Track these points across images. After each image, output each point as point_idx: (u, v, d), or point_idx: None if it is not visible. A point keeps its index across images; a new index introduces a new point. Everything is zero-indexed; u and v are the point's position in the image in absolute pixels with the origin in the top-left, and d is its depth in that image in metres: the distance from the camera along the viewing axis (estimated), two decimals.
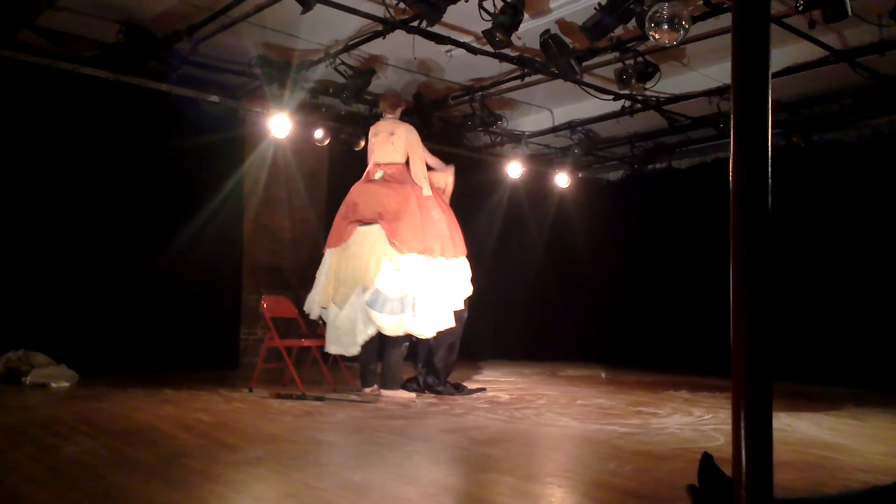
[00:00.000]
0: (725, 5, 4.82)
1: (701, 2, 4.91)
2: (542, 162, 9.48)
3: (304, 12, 4.84)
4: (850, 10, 4.41)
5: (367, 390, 5.66)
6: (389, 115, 5.97)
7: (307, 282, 8.04)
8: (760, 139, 1.63)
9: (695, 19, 4.86)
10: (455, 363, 6.12)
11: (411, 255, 5.47)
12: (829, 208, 7.40)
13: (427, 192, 5.77)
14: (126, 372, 6.29)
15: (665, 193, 9.07)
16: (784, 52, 5.91)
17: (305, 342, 5.81)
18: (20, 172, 6.07)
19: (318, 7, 4.88)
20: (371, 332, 5.44)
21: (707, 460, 2.11)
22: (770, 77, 1.69)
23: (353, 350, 5.50)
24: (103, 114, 6.50)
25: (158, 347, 6.66)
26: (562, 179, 9.19)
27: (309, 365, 6.09)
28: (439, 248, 5.63)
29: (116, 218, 6.54)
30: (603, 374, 6.43)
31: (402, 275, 5.42)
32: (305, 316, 6.02)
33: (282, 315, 6.00)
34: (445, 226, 5.73)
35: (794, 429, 4.41)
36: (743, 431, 1.60)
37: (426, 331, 5.46)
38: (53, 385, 5.47)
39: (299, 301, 6.17)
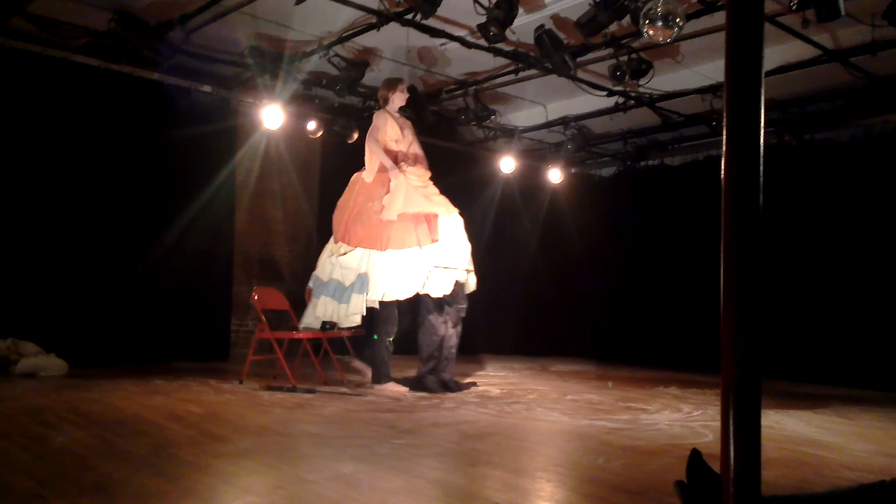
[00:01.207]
0: (719, 3, 4.83)
1: None
2: (535, 157, 9.48)
3: (297, 3, 4.82)
4: (843, 9, 4.42)
5: (378, 387, 5.57)
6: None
7: (299, 274, 8.07)
8: (753, 137, 1.64)
9: (689, 17, 4.87)
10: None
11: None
12: (820, 207, 7.43)
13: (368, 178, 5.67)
14: (116, 362, 6.28)
15: (657, 190, 9.09)
16: (777, 51, 5.93)
17: (296, 334, 5.80)
18: (10, 161, 6.02)
19: None
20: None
21: (695, 456, 2.12)
22: (763, 76, 1.70)
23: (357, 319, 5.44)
24: (95, 102, 6.45)
25: (149, 338, 6.64)
26: (555, 175, 9.20)
27: (300, 357, 6.09)
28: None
29: (107, 208, 6.51)
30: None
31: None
32: (296, 307, 6.01)
33: (273, 307, 5.99)
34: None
35: (783, 426, 4.44)
36: (731, 428, 1.61)
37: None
38: (42, 374, 5.45)
39: (291, 293, 6.17)
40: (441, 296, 5.43)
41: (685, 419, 4.60)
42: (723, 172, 1.66)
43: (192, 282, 7.00)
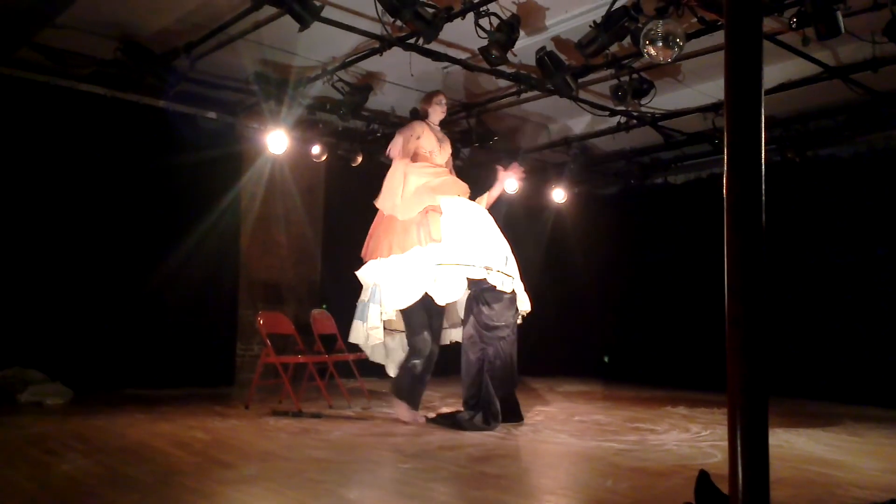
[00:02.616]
0: (720, 22, 4.86)
1: (695, 19, 4.95)
2: (539, 177, 9.50)
3: (301, 30, 4.86)
4: (843, 27, 4.44)
5: (394, 402, 5.23)
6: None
7: (303, 298, 8.08)
8: (754, 155, 1.64)
9: (689, 36, 4.89)
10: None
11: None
12: (824, 224, 7.41)
13: None
14: (121, 388, 6.27)
15: (662, 209, 9.09)
16: (778, 69, 5.95)
17: (302, 358, 5.79)
18: (18, 189, 6.06)
19: (316, 24, 4.91)
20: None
21: (703, 478, 2.10)
22: (763, 94, 1.70)
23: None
24: (101, 130, 6.51)
25: (154, 364, 6.62)
26: (558, 194, 9.20)
27: (305, 381, 6.07)
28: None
29: (113, 234, 6.53)
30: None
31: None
32: (301, 332, 6.00)
33: (278, 331, 5.98)
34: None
35: (792, 445, 4.39)
36: (739, 449, 1.59)
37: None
38: (48, 402, 5.44)
39: (296, 317, 6.16)
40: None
41: (693, 439, 4.56)
42: (725, 192, 1.67)
43: (198, 307, 7.01)
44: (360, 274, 5.25)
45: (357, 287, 5.32)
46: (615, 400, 6.92)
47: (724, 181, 1.61)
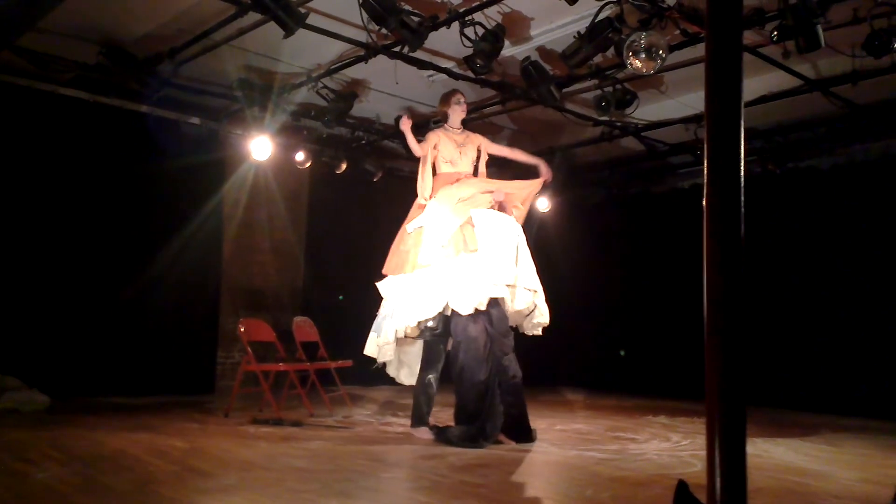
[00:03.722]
0: (702, 35, 4.90)
1: (678, 31, 4.99)
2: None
3: (286, 37, 4.85)
4: (823, 41, 4.50)
5: (412, 431, 4.99)
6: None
7: (286, 305, 8.03)
8: (733, 166, 1.65)
9: (672, 48, 4.94)
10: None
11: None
12: (804, 235, 7.49)
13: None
14: (100, 396, 6.19)
15: (644, 218, 9.14)
16: (759, 81, 6.02)
17: (283, 366, 5.75)
18: None
19: (301, 31, 4.90)
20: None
21: (682, 488, 2.10)
22: (743, 105, 1.72)
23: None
24: (83, 135, 6.46)
25: (133, 371, 6.55)
26: (542, 203, 9.23)
27: (287, 389, 6.03)
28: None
29: (93, 239, 6.48)
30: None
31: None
32: (282, 339, 5.96)
33: (260, 338, 5.94)
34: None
35: (771, 455, 4.42)
36: (717, 459, 1.59)
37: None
38: (25, 409, 5.36)
39: (277, 324, 6.12)
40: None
41: (674, 449, 4.57)
42: (704, 203, 1.67)
43: (179, 313, 6.95)
44: (382, 287, 5.07)
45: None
46: (597, 409, 6.94)
47: (704, 191, 1.62)
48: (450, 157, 5.17)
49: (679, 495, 1.96)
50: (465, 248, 4.82)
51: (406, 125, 5.11)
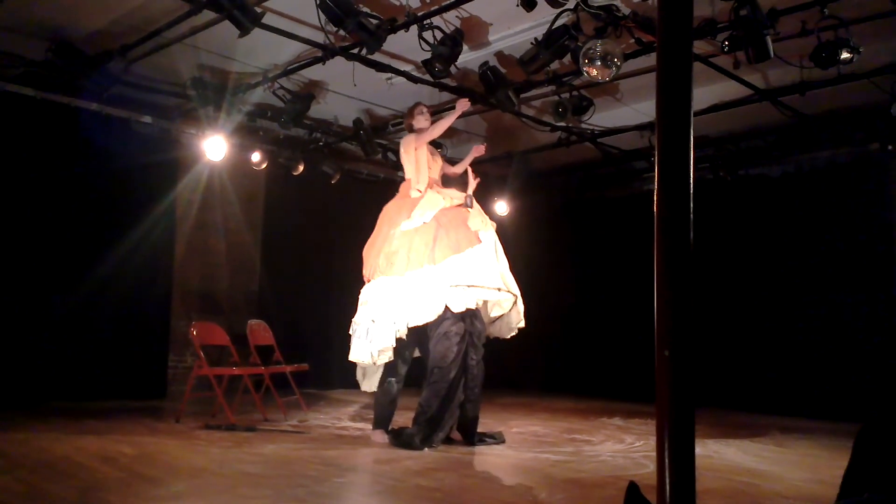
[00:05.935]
0: (656, 44, 4.98)
1: (633, 40, 5.07)
2: (481, 190, 9.56)
3: (241, 36, 4.78)
4: (772, 52, 4.62)
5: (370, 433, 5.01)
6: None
7: (240, 307, 7.91)
8: (683, 173, 1.68)
9: (627, 56, 5.01)
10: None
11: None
12: (754, 240, 7.68)
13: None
14: (45, 401, 6.01)
15: (599, 223, 9.26)
16: (711, 91, 6.15)
17: (236, 370, 5.66)
18: None
19: (256, 31, 4.84)
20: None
21: (632, 490, 2.12)
22: (693, 114, 1.75)
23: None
24: (30, 133, 6.26)
25: (81, 375, 6.37)
26: (500, 207, 9.28)
27: (240, 394, 5.94)
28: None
29: (40, 240, 6.28)
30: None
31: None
32: (237, 343, 5.86)
33: (212, 342, 5.83)
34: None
35: (721, 456, 4.51)
36: (667, 460, 1.62)
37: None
38: None
39: (232, 327, 6.02)
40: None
41: (628, 450, 4.63)
42: (655, 209, 1.70)
43: (129, 316, 6.78)
44: (367, 292, 4.98)
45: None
46: (553, 411, 6.99)
47: (655, 197, 1.65)
48: (428, 162, 5.25)
49: (630, 497, 1.99)
50: (456, 250, 4.91)
51: (463, 108, 5.11)
